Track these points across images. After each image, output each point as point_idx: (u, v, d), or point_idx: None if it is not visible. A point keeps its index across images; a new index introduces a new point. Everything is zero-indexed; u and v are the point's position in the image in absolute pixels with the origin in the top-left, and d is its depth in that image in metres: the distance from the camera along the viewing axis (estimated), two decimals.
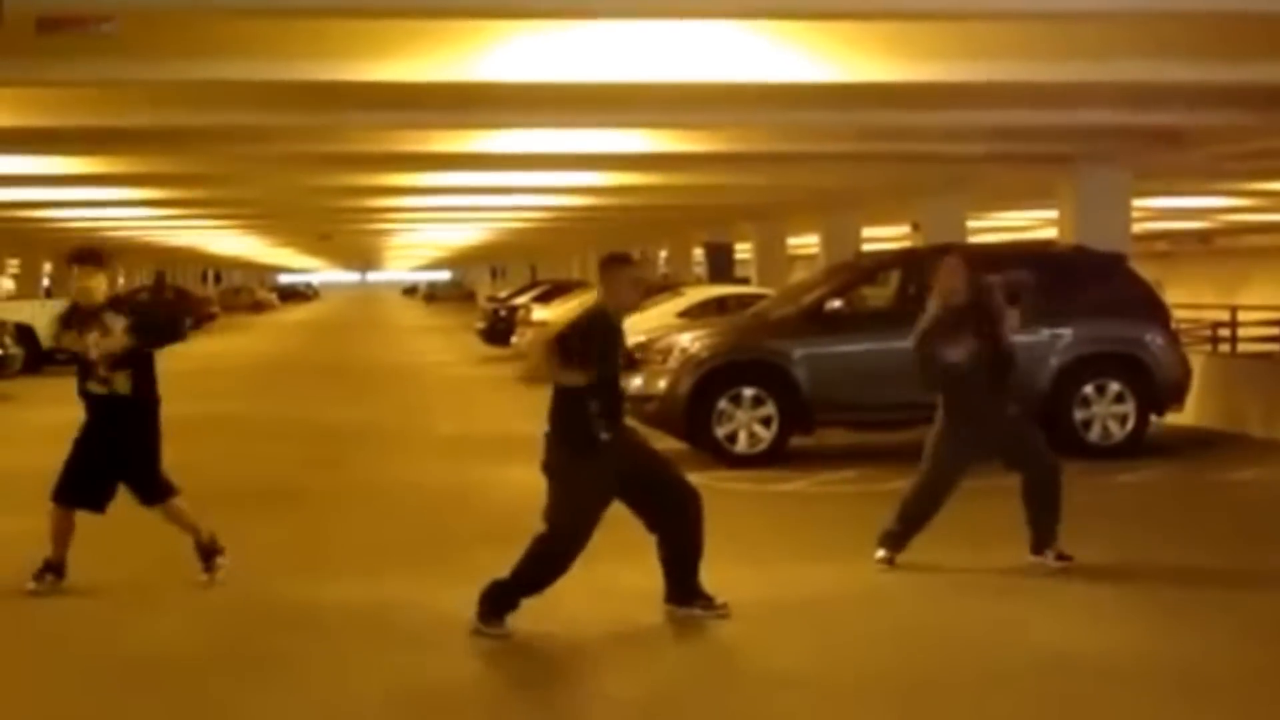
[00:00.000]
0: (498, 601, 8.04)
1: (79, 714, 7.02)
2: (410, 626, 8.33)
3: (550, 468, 8.15)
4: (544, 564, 8.09)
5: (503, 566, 8.11)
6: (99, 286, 9.10)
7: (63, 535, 9.16)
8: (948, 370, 9.50)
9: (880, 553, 9.67)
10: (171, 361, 9.17)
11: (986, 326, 9.54)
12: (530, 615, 8.13)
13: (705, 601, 8.36)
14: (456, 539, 10.83)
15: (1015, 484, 9.72)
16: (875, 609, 8.73)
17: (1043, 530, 9.63)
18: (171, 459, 9.37)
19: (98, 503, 9.17)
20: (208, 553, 9.33)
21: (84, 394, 9.17)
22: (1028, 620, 8.45)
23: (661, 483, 8.33)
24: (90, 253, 9.31)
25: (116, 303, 9.28)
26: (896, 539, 9.68)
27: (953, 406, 9.59)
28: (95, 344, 9.01)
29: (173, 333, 9.64)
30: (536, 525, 8.15)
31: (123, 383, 9.05)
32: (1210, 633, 8.18)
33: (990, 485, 9.95)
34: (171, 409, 9.44)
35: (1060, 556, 9.55)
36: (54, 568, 9.16)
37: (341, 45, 12.88)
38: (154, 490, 9.26)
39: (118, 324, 9.02)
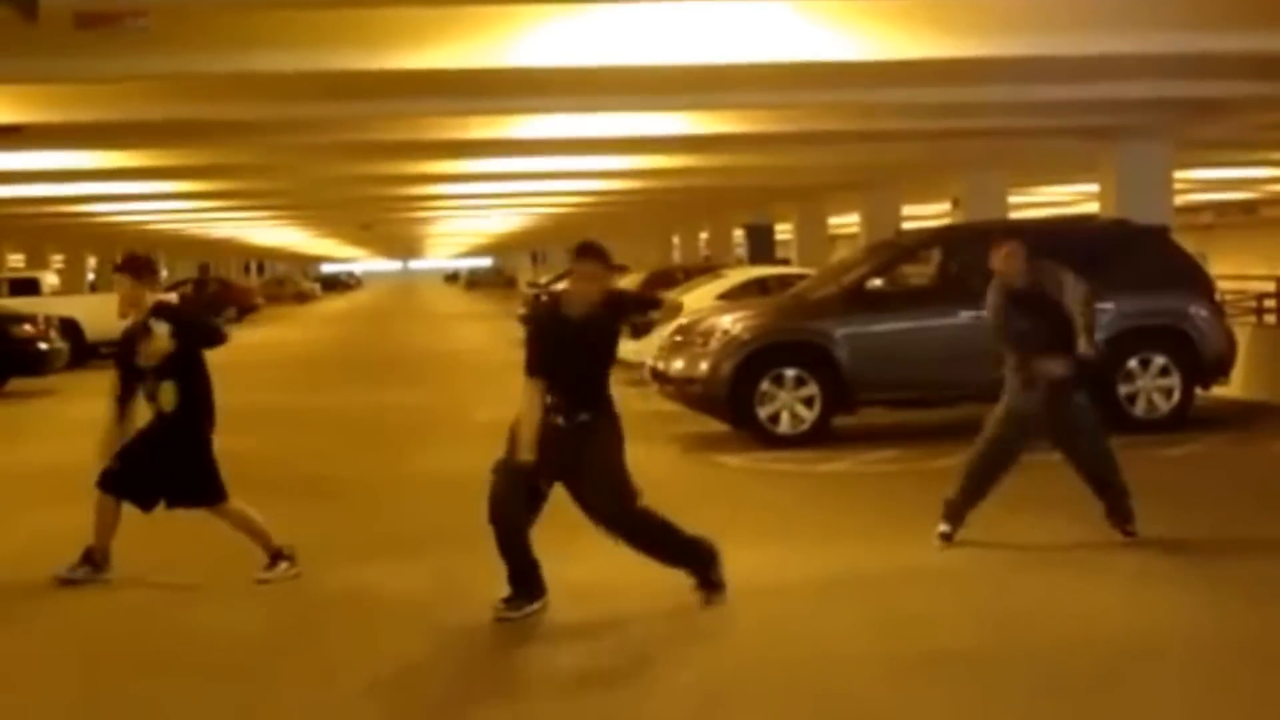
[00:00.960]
0: (519, 584, 8.07)
1: (121, 704, 7.05)
2: (446, 612, 8.35)
3: None
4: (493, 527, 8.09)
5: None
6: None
7: (107, 525, 9.10)
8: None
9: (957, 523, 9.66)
10: (216, 355, 9.14)
11: (1049, 306, 9.48)
12: (569, 601, 8.15)
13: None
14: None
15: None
16: (927, 586, 8.70)
17: (1113, 504, 9.61)
18: (220, 450, 9.34)
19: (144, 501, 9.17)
20: (275, 557, 9.20)
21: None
22: (1082, 595, 8.42)
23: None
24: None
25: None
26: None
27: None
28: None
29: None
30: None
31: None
32: (1264, 606, 8.11)
33: (1044, 459, 9.89)
34: (218, 401, 9.41)
35: (1126, 532, 9.58)
36: (93, 558, 9.12)
37: (378, 34, 12.90)
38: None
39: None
